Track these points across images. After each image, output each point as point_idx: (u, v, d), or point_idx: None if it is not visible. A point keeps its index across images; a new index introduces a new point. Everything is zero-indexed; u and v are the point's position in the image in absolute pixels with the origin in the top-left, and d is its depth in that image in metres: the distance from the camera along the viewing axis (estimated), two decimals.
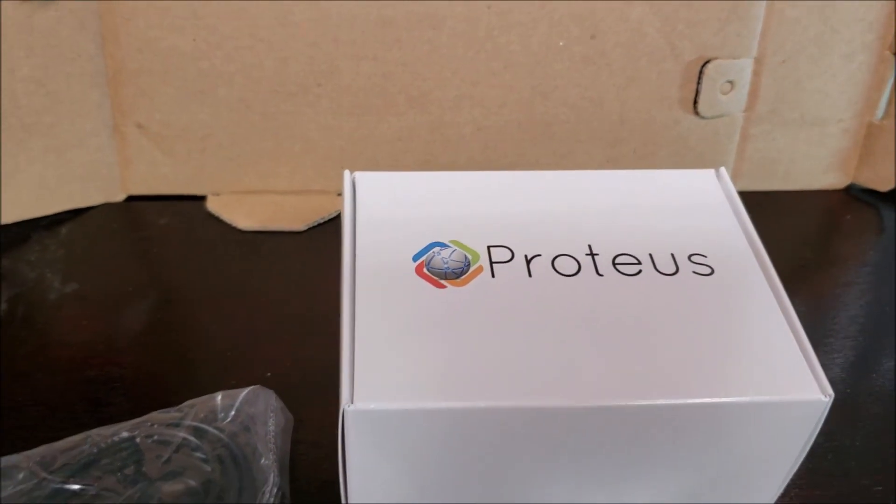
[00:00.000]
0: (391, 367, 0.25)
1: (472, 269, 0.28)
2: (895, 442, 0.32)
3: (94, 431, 0.29)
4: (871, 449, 0.32)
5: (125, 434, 0.28)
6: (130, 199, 0.44)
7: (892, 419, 0.33)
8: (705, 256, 0.28)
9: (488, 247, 0.28)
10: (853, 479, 0.31)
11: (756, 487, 0.28)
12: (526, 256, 0.28)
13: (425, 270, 0.28)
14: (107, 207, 0.43)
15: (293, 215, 0.42)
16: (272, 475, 0.29)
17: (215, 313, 0.37)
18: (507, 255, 0.28)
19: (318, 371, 0.35)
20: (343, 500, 0.27)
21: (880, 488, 0.31)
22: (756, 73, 0.42)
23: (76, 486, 0.27)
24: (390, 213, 0.30)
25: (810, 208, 0.46)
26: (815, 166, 0.46)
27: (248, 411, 0.30)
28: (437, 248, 0.28)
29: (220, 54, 0.40)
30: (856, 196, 0.47)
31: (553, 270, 0.28)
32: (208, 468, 0.28)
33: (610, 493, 0.27)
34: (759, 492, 0.28)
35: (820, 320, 0.38)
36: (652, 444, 0.25)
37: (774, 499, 0.28)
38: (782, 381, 0.25)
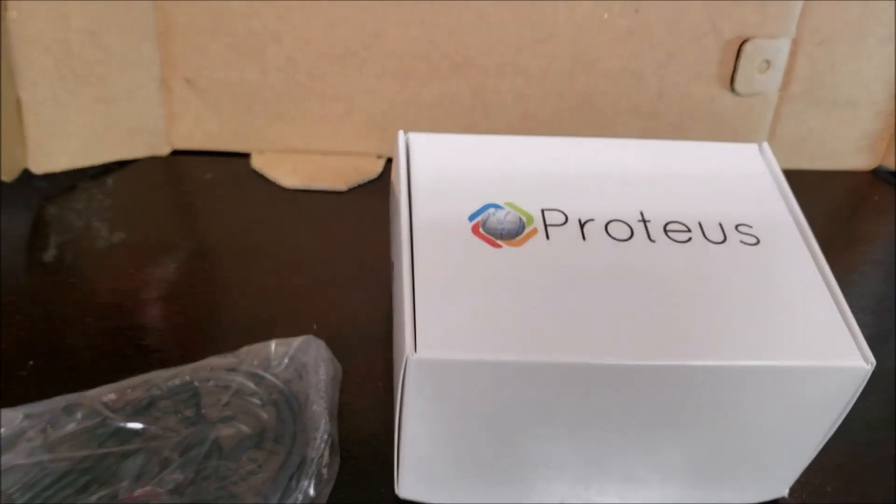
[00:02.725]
0: (451, 320, 0.26)
1: (526, 230, 0.29)
2: None
3: (154, 374, 0.30)
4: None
5: (185, 377, 0.29)
6: (175, 153, 0.44)
7: None
8: (751, 227, 0.29)
9: (542, 210, 0.29)
10: (880, 450, 0.32)
11: (790, 452, 0.29)
12: (579, 220, 0.29)
13: (481, 230, 0.28)
14: (152, 160, 0.44)
15: (335, 175, 0.43)
16: (323, 422, 0.30)
17: (260, 267, 0.38)
18: (560, 218, 0.29)
19: (362, 326, 0.36)
20: (396, 448, 0.28)
21: None
22: (793, 54, 0.43)
23: (138, 426, 0.28)
24: (445, 174, 0.31)
25: (838, 188, 0.47)
26: (845, 147, 0.46)
27: (300, 359, 0.31)
28: (492, 209, 0.29)
29: (270, 13, 0.40)
30: (883, 178, 0.47)
31: (606, 235, 0.28)
32: (264, 413, 0.29)
33: (645, 452, 0.28)
34: (792, 458, 0.29)
35: (846, 297, 0.39)
36: (692, 404, 0.26)
37: (805, 464, 0.29)
38: (825, 347, 0.26)
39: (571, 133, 0.43)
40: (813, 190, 0.46)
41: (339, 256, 0.39)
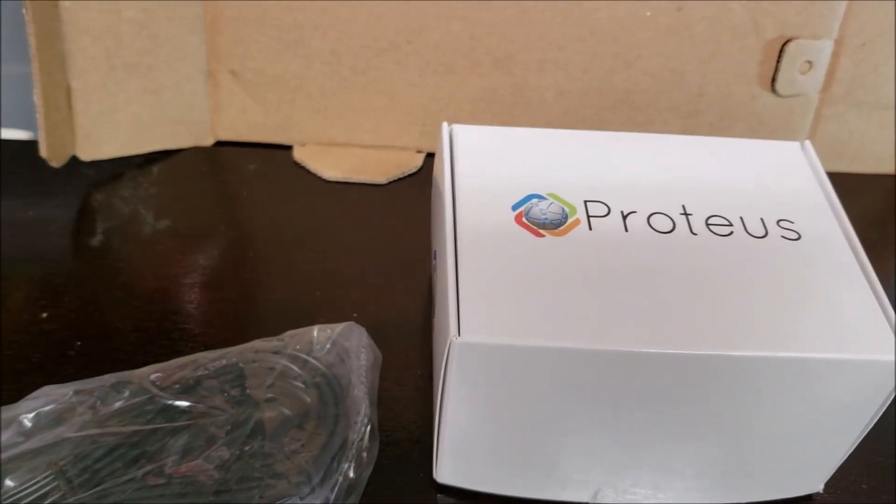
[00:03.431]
0: (494, 306, 0.26)
1: (569, 221, 0.29)
2: None
3: (201, 355, 0.31)
4: None
5: (231, 359, 0.30)
6: (219, 143, 0.45)
7: None
8: (793, 222, 0.30)
9: (585, 201, 0.30)
10: None
11: (825, 447, 0.29)
12: (622, 212, 0.29)
13: (524, 220, 0.29)
14: (196, 150, 0.45)
15: (375, 168, 0.43)
16: (364, 406, 0.30)
17: (302, 256, 0.39)
18: (603, 209, 0.29)
19: (401, 315, 0.36)
20: (435, 432, 0.28)
21: None
22: (835, 55, 0.43)
23: (185, 403, 0.29)
24: (488, 164, 0.31)
25: (878, 190, 0.46)
26: (885, 150, 0.46)
27: (343, 344, 0.31)
28: (535, 200, 0.30)
29: (315, 7, 0.41)
30: None
31: (649, 227, 0.29)
32: (306, 396, 0.30)
33: (684, 445, 0.28)
34: (828, 452, 0.29)
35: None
36: (732, 395, 0.26)
37: (841, 460, 0.29)
38: (864, 341, 0.26)
39: (611, 130, 0.43)
40: (853, 193, 0.46)
41: (379, 248, 0.40)
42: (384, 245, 0.40)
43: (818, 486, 0.30)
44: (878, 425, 0.33)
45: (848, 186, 0.46)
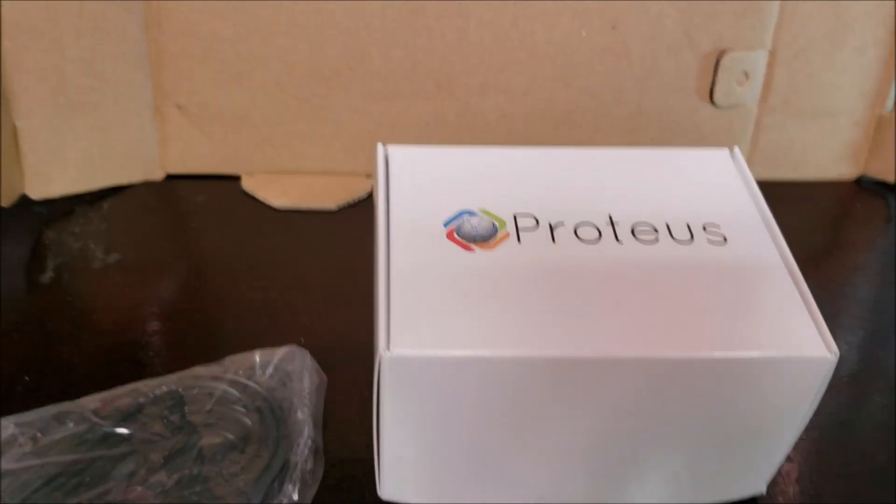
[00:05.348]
0: (424, 319, 0.26)
1: (499, 234, 0.29)
2: None
3: (141, 383, 0.31)
4: (877, 424, 0.34)
5: (171, 385, 0.30)
6: (169, 177, 0.46)
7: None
8: (719, 227, 0.30)
9: (514, 215, 0.30)
10: (859, 452, 0.33)
11: (764, 447, 0.29)
12: (550, 224, 0.30)
13: (455, 235, 0.29)
14: (146, 185, 0.45)
15: (325, 194, 0.44)
16: (307, 428, 0.30)
17: (250, 284, 0.39)
18: (531, 222, 0.30)
19: (348, 339, 0.37)
20: (375, 449, 0.29)
21: (883, 457, 0.32)
22: (770, 66, 0.44)
23: (125, 431, 0.29)
24: (421, 183, 0.32)
25: (821, 197, 0.47)
26: (826, 157, 0.47)
27: (285, 368, 0.32)
28: (466, 216, 0.30)
29: (257, 39, 0.42)
30: (866, 187, 0.48)
31: (575, 237, 0.29)
32: (247, 419, 0.30)
33: (623, 449, 0.28)
34: (767, 453, 0.29)
35: (829, 302, 0.40)
36: (665, 398, 0.27)
37: (781, 460, 0.30)
38: (791, 339, 0.27)
39: None
40: (797, 200, 0.47)
41: (328, 274, 0.40)
42: (333, 270, 0.40)
43: (761, 488, 0.31)
44: (818, 425, 0.33)
45: (791, 193, 0.47)
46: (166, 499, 0.27)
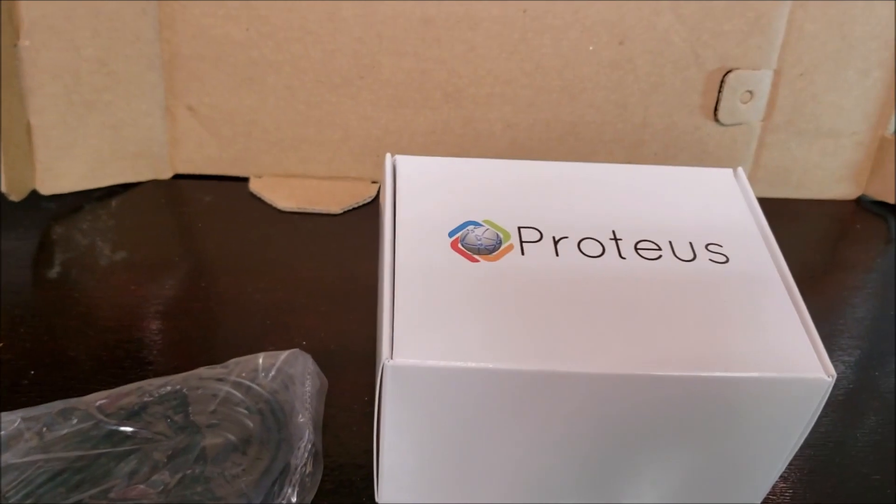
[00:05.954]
0: (427, 329, 0.27)
1: (503, 246, 0.30)
2: None
3: (146, 382, 0.31)
4: (871, 444, 0.34)
5: (176, 385, 0.31)
6: (177, 177, 0.46)
7: (894, 417, 0.35)
8: (721, 246, 0.31)
9: (519, 227, 0.31)
10: (854, 471, 0.33)
11: (758, 465, 0.30)
12: (554, 238, 0.30)
13: (460, 245, 0.30)
14: (155, 184, 0.45)
15: (330, 198, 0.44)
16: (307, 432, 0.31)
17: (255, 285, 0.40)
18: (536, 235, 0.30)
19: (350, 343, 0.37)
20: (375, 456, 0.29)
21: (878, 477, 0.33)
22: (775, 85, 0.45)
23: (129, 429, 0.29)
24: (428, 193, 0.32)
25: (822, 216, 0.48)
26: (828, 176, 0.48)
27: (287, 371, 0.32)
28: (471, 227, 0.31)
29: (270, 44, 0.42)
30: (866, 207, 0.49)
31: (579, 251, 0.30)
32: (249, 421, 0.30)
33: (620, 463, 0.29)
34: (761, 472, 0.30)
35: (828, 321, 0.40)
36: (661, 414, 0.27)
37: (775, 478, 0.30)
38: (788, 360, 0.27)
39: (558, 161, 0.45)
40: (798, 218, 0.47)
41: (332, 276, 0.41)
42: (336, 273, 0.41)
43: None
44: (813, 444, 0.34)
45: (792, 211, 0.48)
46: (168, 498, 0.28)
